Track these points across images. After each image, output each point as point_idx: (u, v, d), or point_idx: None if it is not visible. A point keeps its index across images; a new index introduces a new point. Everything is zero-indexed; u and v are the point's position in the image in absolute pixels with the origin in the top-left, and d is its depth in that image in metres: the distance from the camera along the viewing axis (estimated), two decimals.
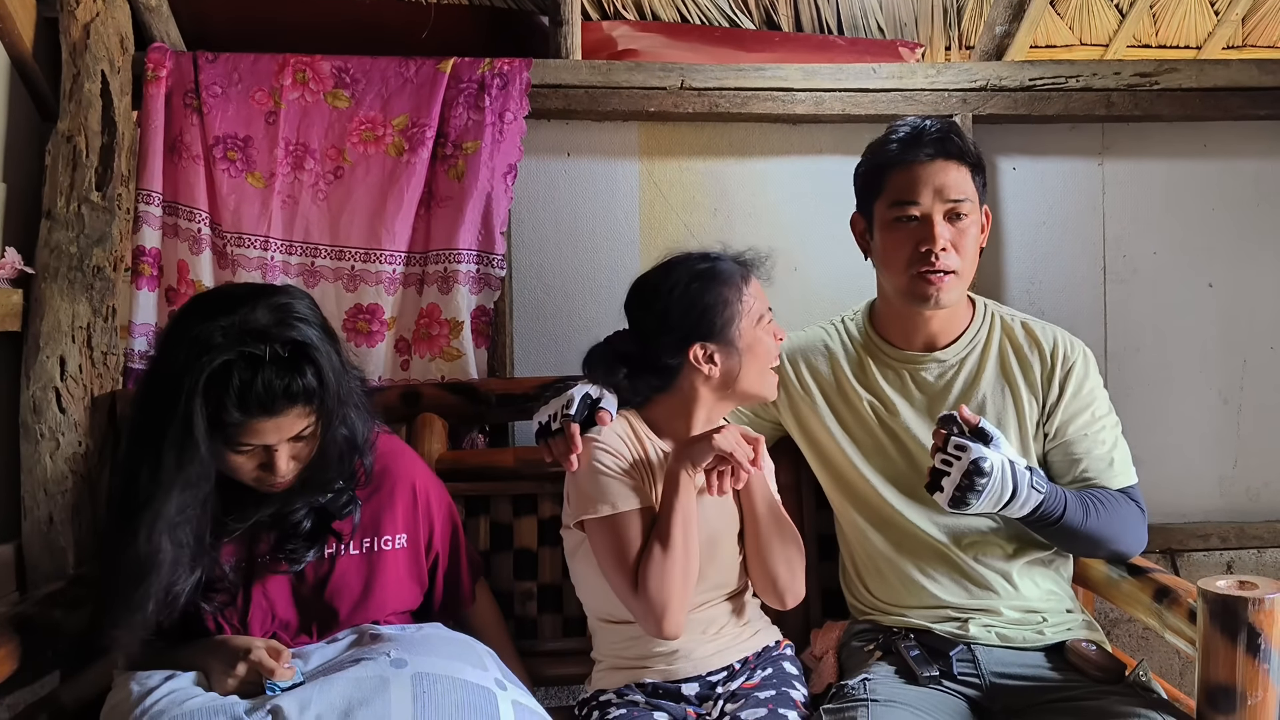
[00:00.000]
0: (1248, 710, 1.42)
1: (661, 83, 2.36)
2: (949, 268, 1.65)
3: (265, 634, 1.49)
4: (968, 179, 1.68)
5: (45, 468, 2.04)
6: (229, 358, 1.32)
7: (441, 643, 1.48)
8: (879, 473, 1.74)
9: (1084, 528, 1.60)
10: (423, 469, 1.69)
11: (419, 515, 1.62)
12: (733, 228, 2.48)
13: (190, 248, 2.24)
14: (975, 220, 1.69)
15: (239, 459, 1.40)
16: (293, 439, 1.41)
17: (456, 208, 2.26)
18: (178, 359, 1.34)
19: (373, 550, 1.56)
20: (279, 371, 1.34)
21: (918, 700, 1.54)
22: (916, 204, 1.66)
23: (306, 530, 1.50)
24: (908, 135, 1.70)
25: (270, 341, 1.35)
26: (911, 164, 1.67)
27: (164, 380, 1.36)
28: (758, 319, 1.65)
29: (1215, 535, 2.55)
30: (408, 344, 2.29)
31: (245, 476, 1.43)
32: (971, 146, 1.71)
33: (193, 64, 2.24)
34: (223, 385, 1.32)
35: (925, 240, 1.65)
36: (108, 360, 2.12)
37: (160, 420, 1.34)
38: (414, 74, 2.29)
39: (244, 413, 1.33)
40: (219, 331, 1.34)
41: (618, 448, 1.60)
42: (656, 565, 1.51)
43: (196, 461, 1.34)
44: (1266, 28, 2.93)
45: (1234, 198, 2.58)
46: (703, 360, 1.61)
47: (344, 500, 1.51)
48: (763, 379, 1.66)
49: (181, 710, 1.29)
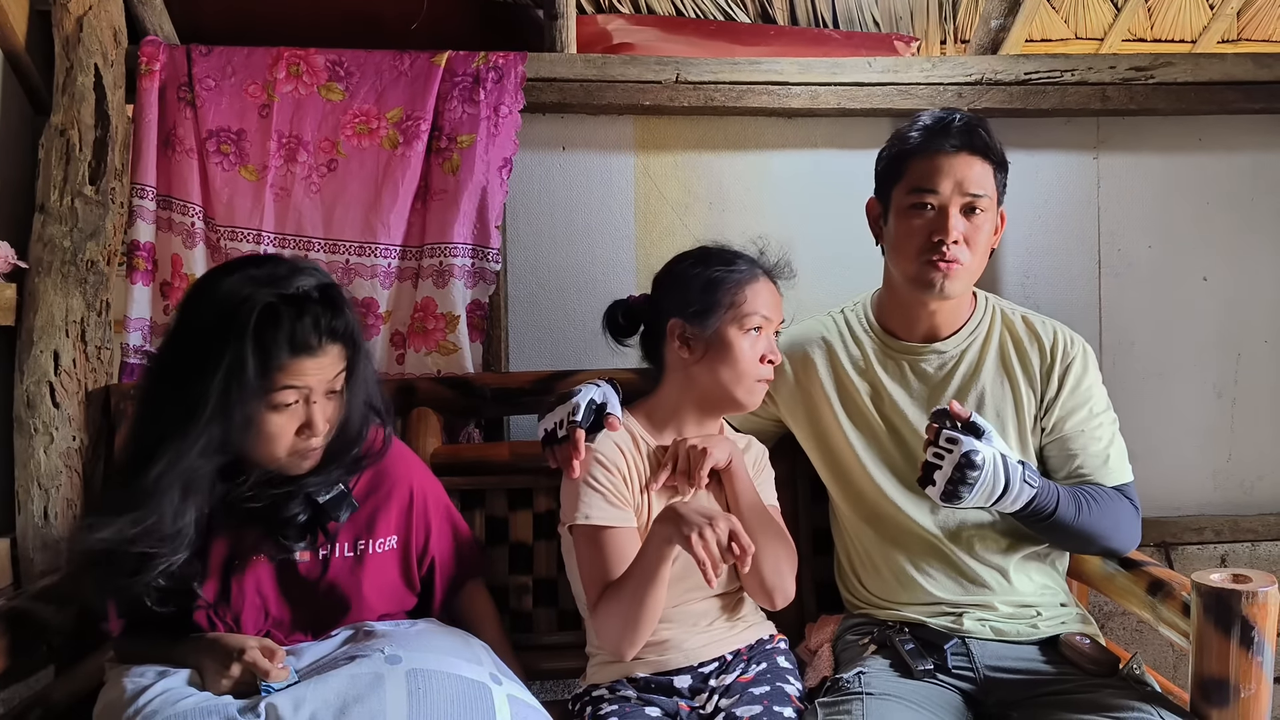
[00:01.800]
0: (1241, 703, 1.43)
1: (657, 76, 2.36)
2: (959, 259, 1.65)
3: (259, 632, 1.48)
4: (989, 175, 1.67)
5: (39, 462, 2.03)
6: (273, 300, 1.37)
7: (436, 638, 1.48)
8: (875, 464, 1.75)
9: (1076, 523, 1.60)
10: (421, 471, 1.68)
11: (414, 518, 1.62)
12: (727, 222, 2.48)
13: (184, 242, 2.23)
14: (990, 218, 1.68)
15: (279, 419, 1.40)
16: (327, 393, 1.43)
17: (451, 201, 2.25)
18: (219, 307, 1.37)
19: (365, 552, 1.56)
20: (321, 309, 1.39)
21: (912, 694, 1.54)
22: (935, 193, 1.65)
23: (300, 522, 1.49)
24: (933, 124, 1.68)
25: (307, 285, 1.40)
26: (935, 153, 1.66)
27: (201, 330, 1.37)
28: (743, 319, 1.63)
29: (1209, 529, 2.56)
30: (403, 338, 2.28)
31: (282, 447, 1.43)
32: (997, 145, 1.69)
33: (186, 57, 2.24)
34: (273, 323, 1.36)
35: (939, 230, 1.64)
36: (101, 355, 2.12)
37: (198, 366, 1.35)
38: (408, 67, 2.28)
39: (292, 350, 1.37)
40: (255, 280, 1.39)
41: (613, 459, 1.62)
42: (617, 605, 1.53)
43: (236, 407, 1.35)
44: (1261, 22, 2.93)
45: (1229, 192, 2.58)
46: (677, 337, 1.64)
47: (340, 497, 1.51)
48: (735, 383, 1.64)
49: (175, 710, 1.28)
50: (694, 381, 1.66)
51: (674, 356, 1.67)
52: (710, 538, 1.40)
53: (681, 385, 1.68)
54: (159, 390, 1.41)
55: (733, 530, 1.41)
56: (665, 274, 1.72)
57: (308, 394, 1.41)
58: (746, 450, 1.76)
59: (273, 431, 1.41)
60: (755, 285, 1.66)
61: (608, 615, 1.54)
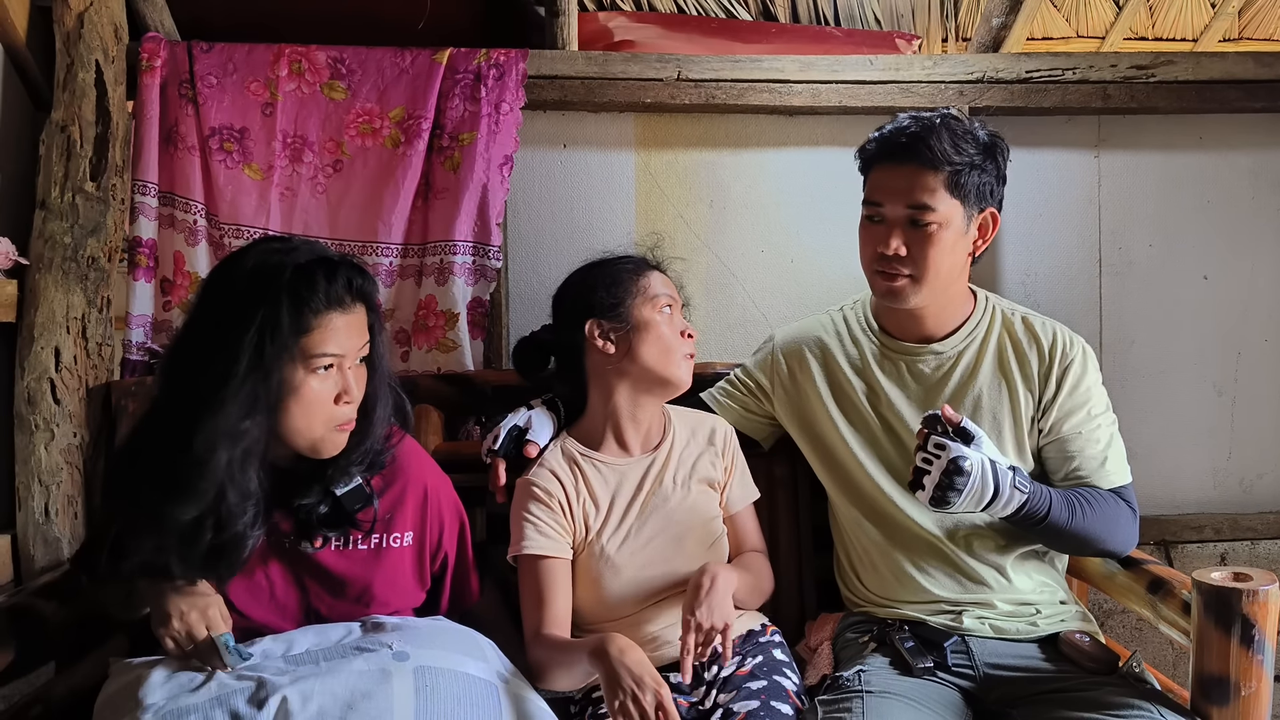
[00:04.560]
0: (1241, 701, 1.43)
1: (658, 74, 2.36)
2: (903, 272, 1.65)
3: (261, 614, 1.48)
4: (938, 185, 1.61)
5: (40, 459, 2.04)
6: (304, 262, 1.40)
7: (444, 635, 1.48)
8: (873, 463, 1.75)
9: (1070, 527, 1.60)
10: (434, 471, 1.68)
11: (429, 516, 1.62)
12: (728, 219, 2.48)
13: (187, 239, 2.23)
14: (946, 228, 1.63)
15: (318, 385, 1.41)
16: (357, 360, 1.46)
17: (453, 199, 2.25)
18: (250, 274, 1.39)
19: (381, 547, 1.56)
20: (348, 270, 1.43)
21: (912, 692, 1.55)
22: (880, 205, 1.66)
23: (321, 515, 1.49)
24: (883, 136, 1.69)
25: (332, 254, 1.46)
26: (882, 165, 1.67)
27: (233, 296, 1.38)
28: (653, 300, 1.68)
29: (1209, 527, 2.56)
30: (407, 335, 2.28)
31: (321, 418, 1.43)
32: (953, 150, 1.61)
33: (187, 54, 2.24)
34: (308, 281, 1.38)
35: (881, 243, 1.65)
36: (102, 351, 2.12)
37: (231, 328, 1.35)
38: (410, 65, 2.28)
39: (328, 303, 1.39)
40: (280, 251, 1.42)
41: (550, 488, 1.66)
42: (544, 658, 1.56)
43: (273, 364, 1.36)
44: (1263, 21, 2.93)
45: (1229, 190, 2.58)
46: (598, 336, 1.67)
47: (357, 490, 1.51)
48: (666, 360, 1.68)
49: (179, 706, 1.28)
50: (624, 376, 1.69)
51: (596, 361, 1.69)
52: (633, 712, 1.38)
53: (610, 389, 1.70)
54: (189, 364, 1.39)
55: (660, 702, 1.39)
56: (565, 290, 1.77)
57: (341, 359, 1.42)
58: (713, 435, 1.78)
59: (312, 398, 1.41)
60: (650, 273, 1.73)
61: (536, 660, 1.57)
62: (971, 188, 1.64)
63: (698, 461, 1.73)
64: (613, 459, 1.71)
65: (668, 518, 1.67)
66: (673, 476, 1.71)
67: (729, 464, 1.77)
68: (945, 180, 1.62)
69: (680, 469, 1.72)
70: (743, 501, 1.79)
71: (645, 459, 1.71)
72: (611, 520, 1.66)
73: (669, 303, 1.70)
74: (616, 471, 1.70)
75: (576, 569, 1.66)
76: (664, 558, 1.65)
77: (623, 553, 1.65)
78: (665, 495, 1.69)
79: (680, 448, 1.74)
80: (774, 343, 1.89)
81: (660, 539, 1.66)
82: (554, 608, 1.60)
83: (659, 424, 1.75)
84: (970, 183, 1.64)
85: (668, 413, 1.78)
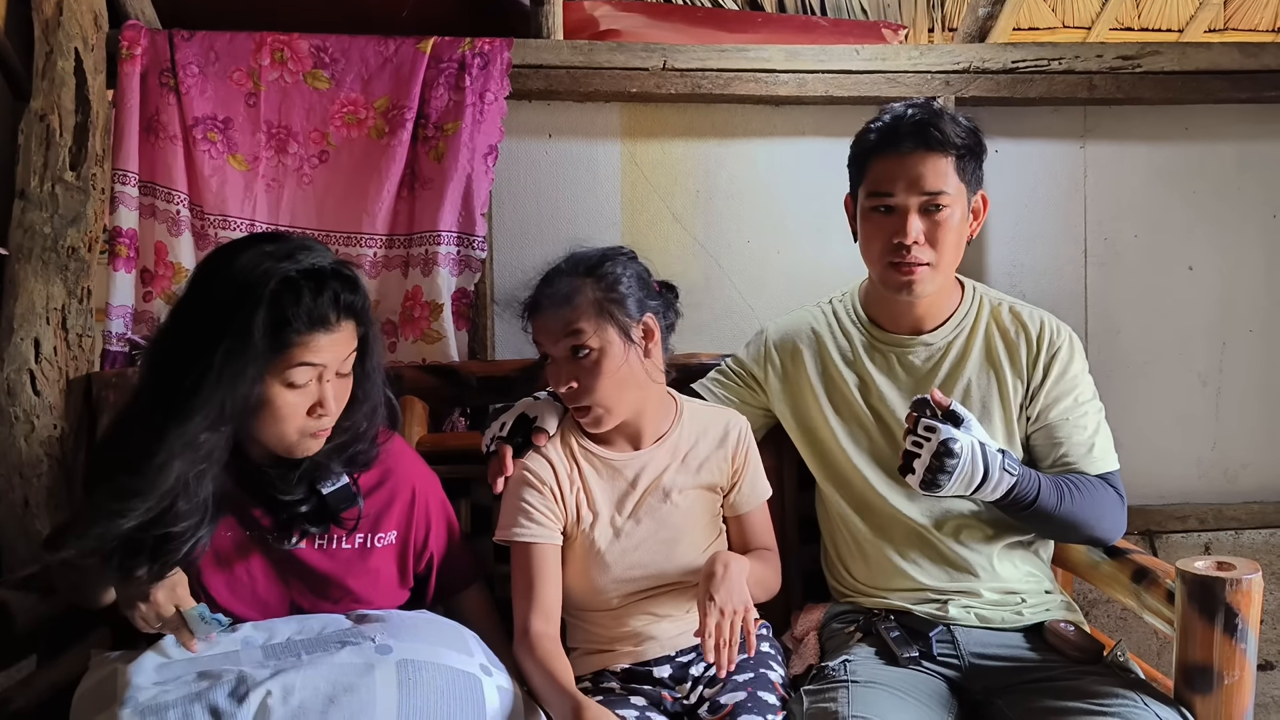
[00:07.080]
0: (1224, 689, 1.43)
1: (644, 63, 2.35)
2: (921, 260, 1.65)
3: (243, 609, 1.47)
4: (949, 169, 1.64)
5: (20, 451, 2.02)
6: (292, 274, 1.36)
7: (427, 628, 1.47)
8: (862, 455, 1.75)
9: (1058, 512, 1.61)
10: (423, 471, 1.67)
11: (415, 517, 1.61)
12: (714, 209, 2.48)
13: (169, 229, 2.21)
14: (957, 211, 1.66)
15: (293, 398, 1.38)
16: (338, 373, 1.43)
17: (438, 189, 2.24)
18: (235, 279, 1.35)
19: (366, 546, 1.55)
20: (339, 285, 1.39)
21: (897, 681, 1.55)
22: (891, 195, 1.65)
23: (304, 513, 1.48)
24: (887, 125, 1.68)
25: (323, 262, 1.40)
26: (889, 155, 1.66)
27: (214, 301, 1.35)
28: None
29: (1193, 517, 2.57)
30: (394, 326, 2.27)
31: (293, 427, 1.41)
32: (956, 134, 1.65)
33: (168, 42, 2.22)
34: (292, 296, 1.34)
35: (898, 233, 1.64)
36: (83, 342, 2.10)
37: (207, 335, 1.32)
38: (394, 54, 2.26)
39: (310, 324, 1.36)
40: (272, 256, 1.37)
41: (544, 476, 1.62)
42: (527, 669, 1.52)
43: (241, 375, 1.32)
44: (1248, 11, 2.94)
45: (1215, 181, 2.59)
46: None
47: (344, 489, 1.50)
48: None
49: (158, 701, 1.27)
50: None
51: None
52: None
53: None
54: (166, 364, 1.37)
55: None
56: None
57: (321, 372, 1.40)
58: (725, 435, 1.72)
59: (285, 411, 1.39)
60: (537, 317, 1.61)
61: (521, 667, 1.54)
62: (970, 170, 1.68)
63: (703, 464, 1.68)
64: (612, 453, 1.66)
65: (661, 521, 1.63)
66: (672, 477, 1.66)
67: (740, 464, 1.71)
68: (954, 163, 1.65)
69: (682, 470, 1.67)
70: (753, 501, 1.74)
71: (645, 455, 1.66)
72: (603, 516, 1.63)
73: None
74: (614, 466, 1.65)
75: (567, 553, 1.64)
76: (653, 560, 1.63)
77: (612, 551, 1.62)
78: (661, 497, 1.64)
79: (686, 447, 1.68)
80: (766, 335, 1.89)
81: (651, 542, 1.63)
82: (543, 597, 1.58)
83: (666, 419, 1.70)
84: (969, 165, 1.67)
85: (680, 408, 1.72)
